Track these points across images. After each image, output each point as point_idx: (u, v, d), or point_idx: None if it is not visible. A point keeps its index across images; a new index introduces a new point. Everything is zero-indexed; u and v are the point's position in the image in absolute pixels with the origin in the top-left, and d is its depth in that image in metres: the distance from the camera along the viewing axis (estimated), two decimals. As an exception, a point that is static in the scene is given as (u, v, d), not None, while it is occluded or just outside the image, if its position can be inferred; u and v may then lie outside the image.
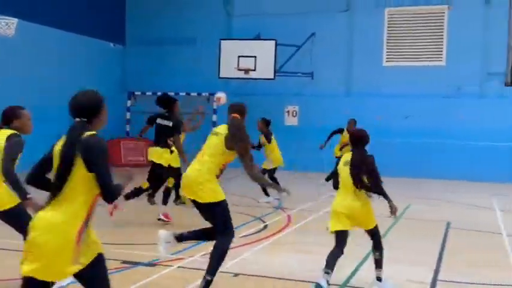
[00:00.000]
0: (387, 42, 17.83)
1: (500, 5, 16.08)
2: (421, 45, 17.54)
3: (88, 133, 3.12)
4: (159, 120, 8.74)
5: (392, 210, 5.15)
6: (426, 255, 7.08)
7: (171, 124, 8.56)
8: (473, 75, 16.89)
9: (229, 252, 6.83)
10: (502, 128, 16.18)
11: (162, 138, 8.59)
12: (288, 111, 18.08)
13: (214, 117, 19.22)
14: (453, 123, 16.73)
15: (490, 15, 16.68)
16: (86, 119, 3.18)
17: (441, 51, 17.31)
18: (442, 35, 17.31)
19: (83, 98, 3.22)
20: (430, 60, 17.40)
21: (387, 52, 17.83)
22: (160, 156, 8.56)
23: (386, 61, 17.79)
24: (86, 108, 3.19)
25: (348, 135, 11.88)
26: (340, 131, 13.09)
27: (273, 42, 17.37)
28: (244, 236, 7.84)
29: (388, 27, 17.85)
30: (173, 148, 8.62)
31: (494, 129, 16.15)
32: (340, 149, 12.86)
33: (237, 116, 5.38)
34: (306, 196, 12.06)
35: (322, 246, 7.46)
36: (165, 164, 8.59)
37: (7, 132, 4.89)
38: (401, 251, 7.38)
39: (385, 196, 5.17)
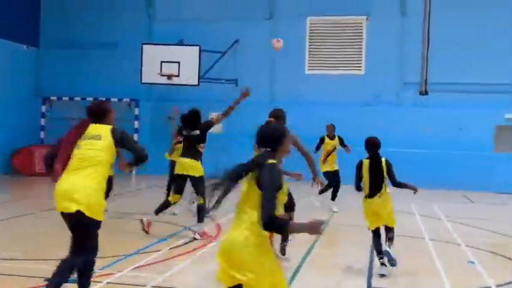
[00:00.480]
0: (309, 51, 18.18)
1: (416, 16, 16.80)
2: (342, 54, 18.03)
3: (270, 161, 3.45)
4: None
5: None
6: (357, 262, 7.20)
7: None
8: (391, 84, 17.57)
9: (164, 264, 6.67)
10: (417, 136, 16.89)
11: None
12: (212, 118, 17.95)
13: (136, 124, 18.77)
14: (371, 131, 17.21)
15: (406, 27, 17.44)
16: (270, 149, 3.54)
17: (360, 60, 17.89)
18: (361, 45, 17.89)
19: (268, 130, 3.63)
20: (350, 69, 17.92)
21: (309, 60, 18.17)
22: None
23: (309, 69, 18.13)
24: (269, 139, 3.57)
25: (330, 141, 11.72)
26: (322, 140, 11.80)
27: (197, 48, 17.20)
28: (176, 247, 7.63)
29: (310, 35, 18.21)
30: None
31: (410, 136, 16.84)
32: (324, 160, 11.54)
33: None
34: (233, 204, 11.97)
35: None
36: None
37: None
38: (332, 259, 7.47)
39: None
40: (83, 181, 4.55)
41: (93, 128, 4.76)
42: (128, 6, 19.09)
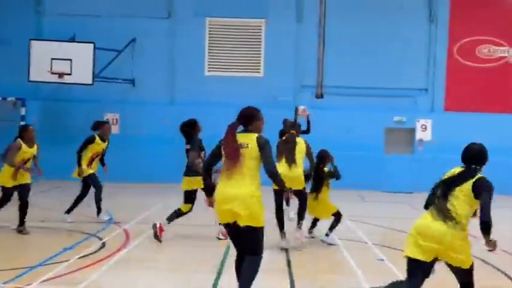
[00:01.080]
0: (209, 52, 18.05)
1: (312, 21, 17.29)
2: (241, 56, 18.11)
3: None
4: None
5: None
6: (273, 263, 7.22)
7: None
8: (288, 87, 17.95)
9: (76, 276, 6.22)
10: (314, 137, 17.31)
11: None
12: (108, 119, 17.22)
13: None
14: (270, 132, 17.50)
15: (302, 31, 17.90)
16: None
17: (259, 63, 18.09)
18: (260, 48, 18.09)
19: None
20: (249, 71, 18.05)
21: (209, 62, 18.05)
22: None
23: (209, 70, 18.00)
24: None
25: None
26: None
27: (91, 45, 16.37)
28: (85, 256, 7.17)
29: (209, 37, 18.09)
30: None
31: (307, 137, 17.19)
32: None
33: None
34: (137, 208, 11.57)
35: (171, 261, 7.22)
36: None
37: None
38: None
39: None
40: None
41: None
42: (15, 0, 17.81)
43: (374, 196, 15.65)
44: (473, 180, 4.55)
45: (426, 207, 4.83)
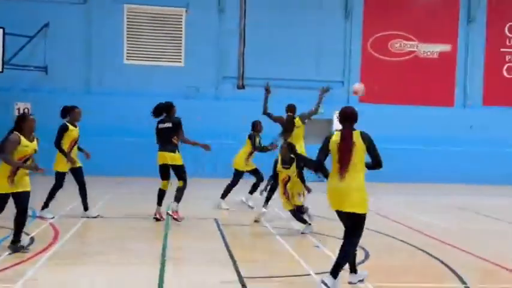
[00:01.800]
0: (127, 40, 17.56)
1: (233, 12, 17.25)
2: (161, 45, 17.78)
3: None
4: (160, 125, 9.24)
5: None
6: (216, 253, 7.19)
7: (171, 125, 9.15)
8: (210, 77, 17.87)
9: (7, 273, 5.85)
10: (235, 128, 17.37)
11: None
12: (19, 109, 16.27)
13: None
14: (191, 123, 17.33)
15: (224, 22, 17.88)
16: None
17: (180, 52, 17.85)
18: (180, 37, 17.84)
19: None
20: (170, 61, 17.76)
21: (128, 50, 17.56)
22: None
23: (127, 59, 17.51)
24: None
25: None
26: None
27: (0, 30, 15.40)
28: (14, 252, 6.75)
29: (128, 24, 17.59)
30: None
31: (229, 128, 17.28)
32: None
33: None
34: (61, 201, 11.06)
35: (108, 255, 6.97)
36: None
37: None
38: (191, 252, 7.34)
39: None
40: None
41: None
42: None
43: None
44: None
45: None
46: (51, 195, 9.44)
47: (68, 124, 9.37)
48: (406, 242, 8.14)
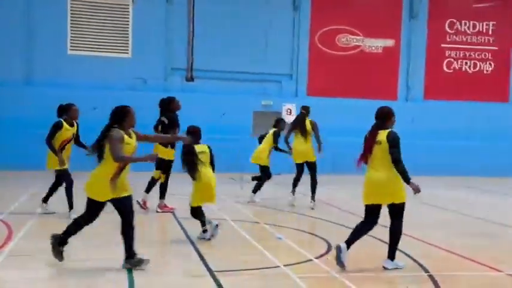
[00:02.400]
0: (71, 30, 16.96)
1: (181, 3, 17.06)
2: (108, 35, 17.29)
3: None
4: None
5: None
6: (179, 247, 7.09)
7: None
8: (158, 69, 17.57)
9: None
10: (185, 120, 17.18)
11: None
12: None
13: None
14: (138, 115, 17.04)
15: (172, 13, 17.58)
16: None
17: (127, 43, 17.43)
18: (127, 28, 17.41)
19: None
20: (116, 52, 17.30)
21: (72, 40, 16.96)
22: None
23: (71, 49, 16.92)
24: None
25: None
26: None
27: None
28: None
29: (72, 13, 16.98)
30: None
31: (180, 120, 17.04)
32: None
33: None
34: (7, 197, 10.60)
35: (71, 251, 6.73)
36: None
37: None
38: (153, 247, 7.20)
39: None
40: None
41: None
42: None
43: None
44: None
45: None
46: (69, 196, 8.78)
47: (63, 122, 8.77)
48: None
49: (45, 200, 9.07)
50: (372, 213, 6.26)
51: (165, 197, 9.81)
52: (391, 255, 6.29)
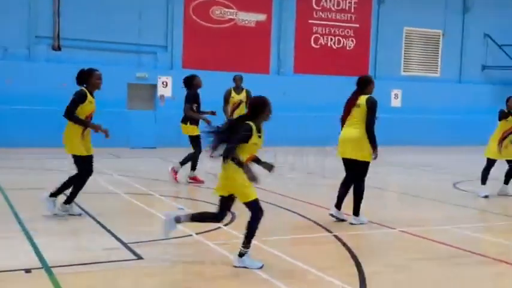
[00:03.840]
0: None
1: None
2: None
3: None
4: None
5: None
6: (79, 222, 6.71)
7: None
8: (20, 36, 16.16)
9: None
10: (51, 92, 16.06)
11: None
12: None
13: None
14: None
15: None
16: None
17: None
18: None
19: None
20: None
21: None
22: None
23: None
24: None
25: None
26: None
27: None
28: None
29: None
30: None
31: (44, 93, 15.87)
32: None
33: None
34: None
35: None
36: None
37: None
38: (52, 224, 6.73)
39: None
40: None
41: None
42: None
43: (122, 152, 15.41)
44: None
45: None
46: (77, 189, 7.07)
47: (86, 92, 7.00)
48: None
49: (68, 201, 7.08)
50: (347, 168, 7.08)
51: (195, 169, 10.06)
52: (356, 212, 7.01)
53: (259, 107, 5.09)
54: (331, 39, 20.75)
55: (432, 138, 20.27)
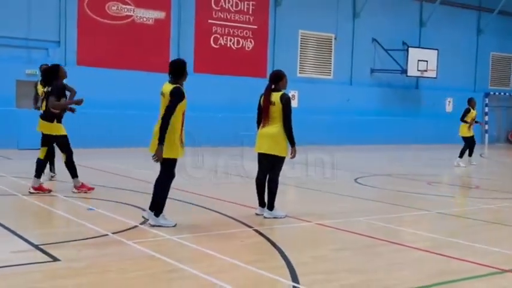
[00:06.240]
0: None
1: None
2: None
3: None
4: None
5: None
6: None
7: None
8: None
9: None
10: None
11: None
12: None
13: None
14: None
15: None
16: None
17: None
18: None
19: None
20: None
21: None
22: None
23: None
24: None
25: None
26: None
27: None
28: None
29: None
30: None
31: None
32: None
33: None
34: None
35: None
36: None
37: None
38: None
39: None
40: None
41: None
42: None
43: (15, 154, 14.39)
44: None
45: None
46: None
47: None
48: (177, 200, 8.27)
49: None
50: (262, 163, 7.13)
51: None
52: (270, 206, 7.06)
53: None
54: (231, 39, 20.81)
55: (328, 137, 21.00)
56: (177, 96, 6.12)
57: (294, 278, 4.58)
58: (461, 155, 15.00)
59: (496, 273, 4.96)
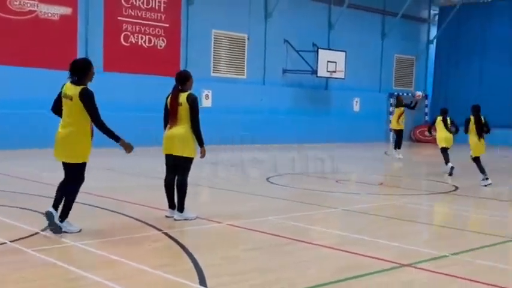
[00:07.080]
0: None
1: None
2: None
3: None
4: None
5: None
6: None
7: None
8: None
9: None
10: None
11: None
12: None
13: None
14: None
15: None
16: None
17: None
18: None
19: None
20: None
21: None
22: None
23: None
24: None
25: None
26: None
27: None
28: None
29: None
30: None
31: None
32: None
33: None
34: None
35: None
36: None
37: None
38: None
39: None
40: None
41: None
42: None
43: None
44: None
45: None
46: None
47: None
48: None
49: None
50: (170, 165, 7.10)
51: None
52: (180, 208, 7.00)
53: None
54: (142, 37, 20.37)
55: (241, 137, 21.11)
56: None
57: (202, 281, 4.55)
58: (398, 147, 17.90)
59: (396, 268, 5.19)
